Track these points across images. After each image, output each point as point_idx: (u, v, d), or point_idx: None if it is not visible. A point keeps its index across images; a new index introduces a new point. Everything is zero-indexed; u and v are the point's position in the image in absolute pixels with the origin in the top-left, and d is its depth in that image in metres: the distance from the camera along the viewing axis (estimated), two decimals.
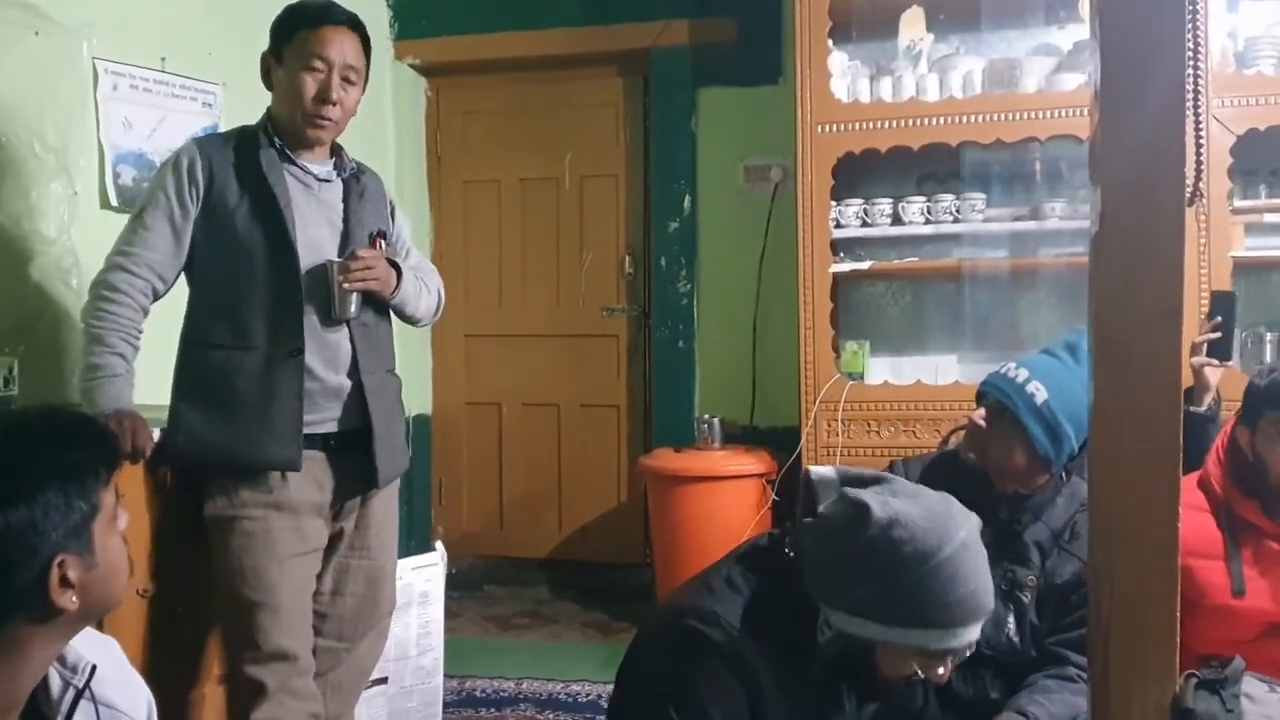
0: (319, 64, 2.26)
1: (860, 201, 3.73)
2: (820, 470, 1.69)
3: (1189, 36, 1.62)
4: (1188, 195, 1.67)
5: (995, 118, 3.48)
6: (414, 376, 4.70)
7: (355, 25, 2.32)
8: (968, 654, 1.64)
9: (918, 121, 3.55)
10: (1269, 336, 3.52)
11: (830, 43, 3.63)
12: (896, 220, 3.72)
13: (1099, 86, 1.59)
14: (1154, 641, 1.60)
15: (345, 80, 2.29)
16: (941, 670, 1.62)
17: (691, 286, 4.47)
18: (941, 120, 3.54)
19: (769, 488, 3.83)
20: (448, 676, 3.02)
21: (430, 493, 4.84)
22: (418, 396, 4.76)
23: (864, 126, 3.58)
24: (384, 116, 4.59)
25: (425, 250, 4.79)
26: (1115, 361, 1.64)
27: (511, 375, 4.80)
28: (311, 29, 2.26)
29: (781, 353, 3.97)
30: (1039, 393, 2.11)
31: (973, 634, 1.60)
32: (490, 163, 4.82)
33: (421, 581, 2.77)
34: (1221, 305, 2.80)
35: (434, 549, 2.87)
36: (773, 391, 4.25)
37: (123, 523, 1.39)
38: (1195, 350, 2.71)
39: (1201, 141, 1.73)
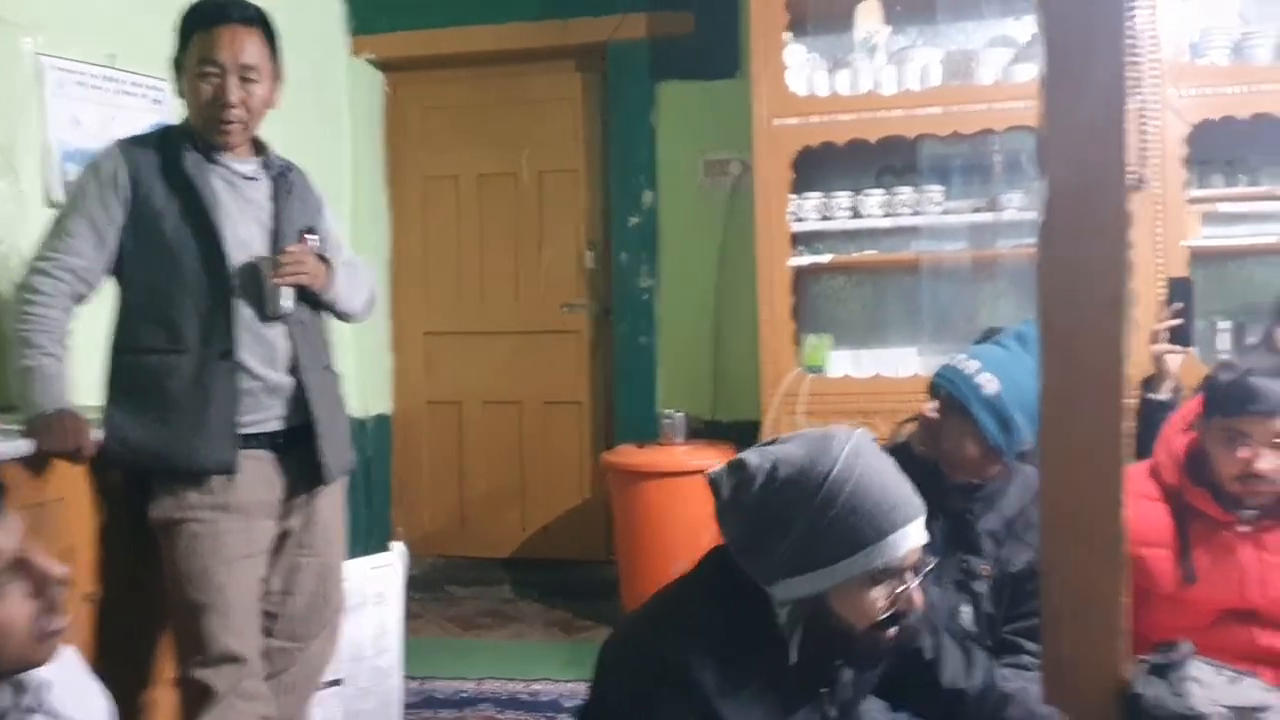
0: (212, 68, 2.22)
1: (819, 195, 3.73)
2: (715, 470, 1.65)
3: (1129, 27, 1.64)
4: (1131, 182, 1.69)
5: (952, 110, 3.49)
6: (373, 375, 4.67)
7: (253, 20, 2.26)
8: (928, 565, 1.57)
9: (875, 114, 3.56)
10: (1224, 325, 3.54)
11: (787, 35, 3.63)
12: (856, 214, 3.72)
13: (1043, 78, 1.60)
14: (1104, 628, 1.61)
15: (244, 80, 2.24)
16: (907, 590, 1.55)
17: (652, 281, 4.45)
18: (899, 113, 3.54)
19: None
20: (408, 678, 2.99)
21: (390, 493, 4.80)
22: (377, 395, 4.72)
23: (821, 120, 3.59)
24: (340, 112, 4.55)
25: (383, 247, 4.76)
26: (1062, 350, 1.65)
27: (472, 373, 4.77)
28: (205, 31, 2.22)
29: (743, 347, 3.97)
30: (989, 384, 2.11)
31: (912, 537, 1.53)
32: (449, 158, 4.79)
33: (377, 581, 2.74)
34: (1180, 292, 2.81)
35: (399, 549, 2.84)
36: (735, 386, 4.25)
37: (48, 572, 1.24)
38: (1155, 338, 2.71)
39: (1145, 129, 1.74)
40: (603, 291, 4.63)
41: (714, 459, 3.85)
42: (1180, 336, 2.73)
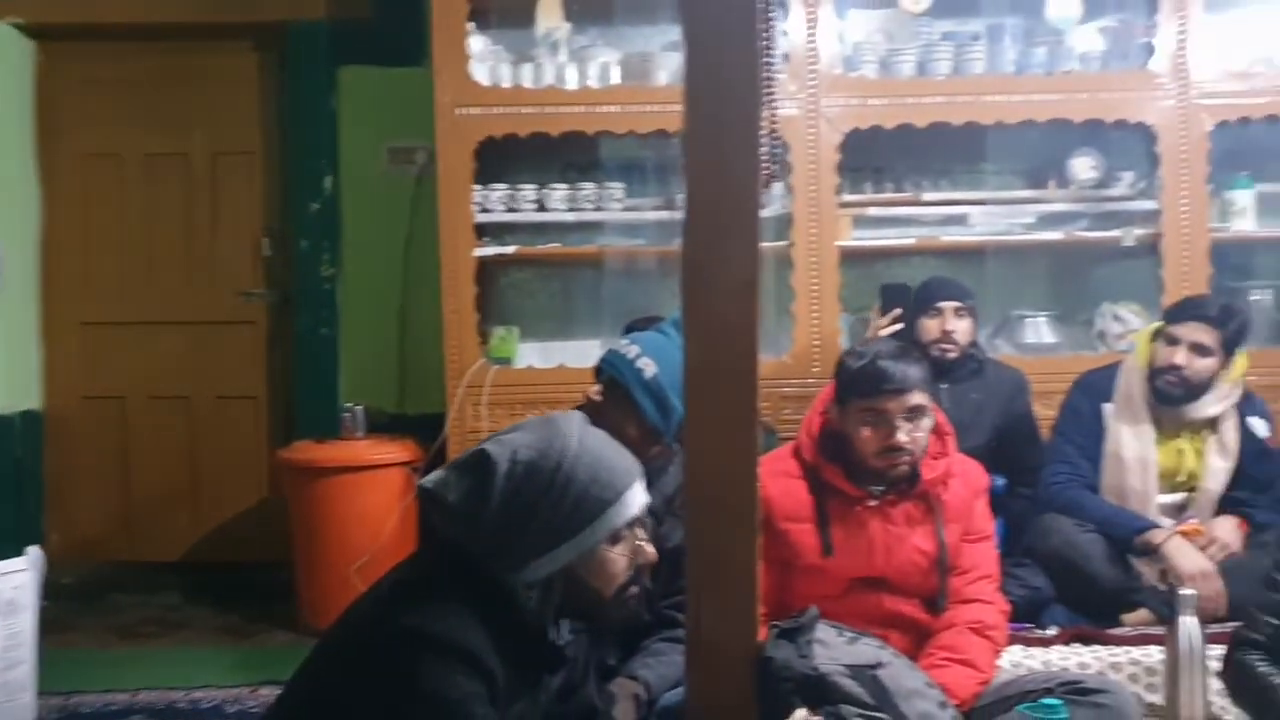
0: None
1: (505, 187, 3.74)
2: (431, 479, 1.66)
3: (765, 40, 1.74)
4: (763, 179, 1.79)
5: (630, 109, 3.60)
6: (19, 368, 4.27)
7: None
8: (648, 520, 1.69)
9: (557, 109, 3.61)
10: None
11: (470, 25, 3.62)
12: (541, 207, 3.76)
13: (684, 85, 1.68)
14: (739, 597, 1.71)
15: None
16: (641, 545, 1.66)
17: (335, 270, 4.32)
18: (580, 109, 3.61)
19: (415, 475, 3.77)
20: (49, 693, 2.76)
21: (42, 496, 4.40)
22: (23, 390, 4.32)
23: (504, 111, 3.60)
24: None
25: (31, 230, 4.38)
26: (701, 331, 1.74)
27: (137, 366, 4.45)
28: None
29: (430, 338, 3.91)
30: (648, 368, 2.20)
31: (639, 494, 1.65)
32: (110, 136, 4.45)
33: (9, 589, 2.50)
34: (897, 297, 3.04)
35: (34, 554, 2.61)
36: (422, 377, 4.18)
37: None
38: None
39: (775, 131, 1.86)
40: (282, 280, 4.45)
41: (397, 453, 3.80)
42: (901, 339, 2.95)
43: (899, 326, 2.99)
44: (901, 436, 2.24)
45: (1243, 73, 3.61)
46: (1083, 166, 3.70)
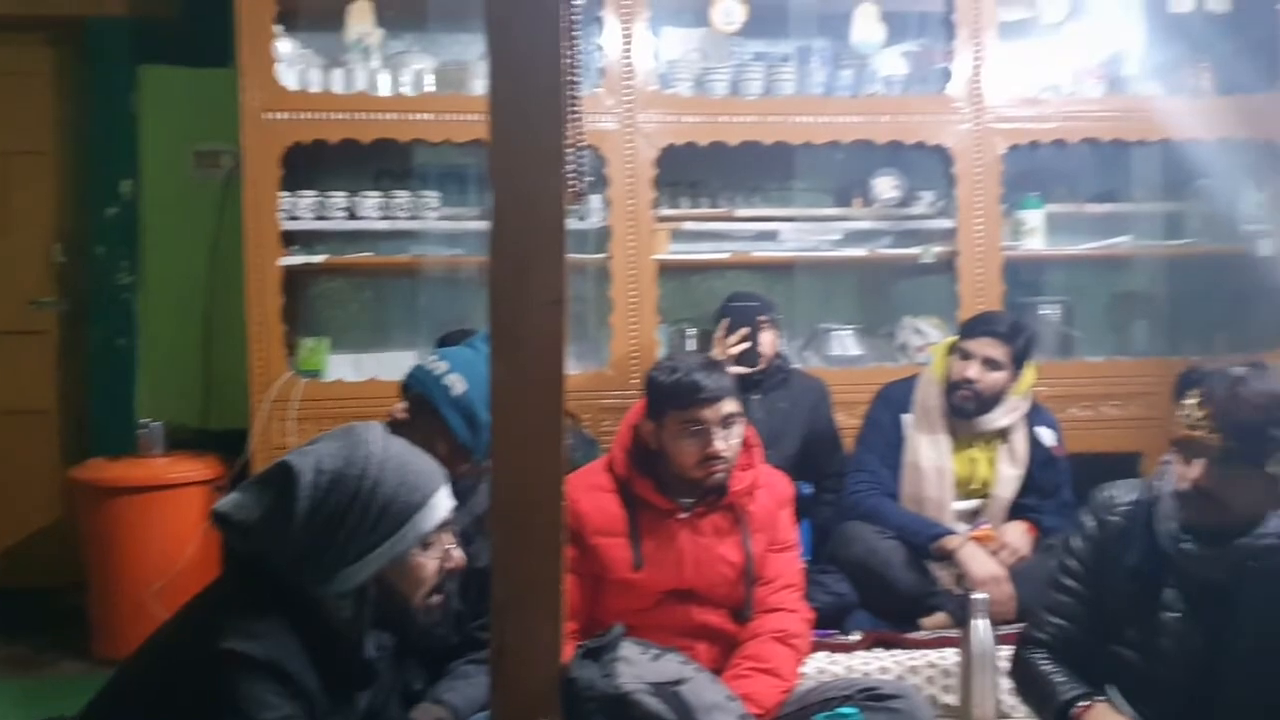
0: None
1: (315, 194, 3.63)
2: (225, 502, 1.63)
3: (567, 53, 1.74)
4: (570, 195, 1.79)
5: (445, 117, 3.54)
6: None
7: None
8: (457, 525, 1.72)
9: (369, 115, 3.52)
10: (691, 332, 3.89)
11: (278, 28, 3.50)
12: (352, 215, 3.66)
13: (489, 97, 1.65)
14: (543, 615, 1.70)
15: None
16: (449, 550, 1.67)
17: (133, 278, 4.11)
18: (392, 116, 3.54)
19: (218, 494, 3.61)
20: None
21: None
22: None
23: (314, 116, 3.50)
24: None
25: None
26: (508, 348, 1.71)
27: None
28: None
29: (236, 350, 3.76)
30: (457, 384, 2.17)
31: (445, 500, 1.67)
32: None
33: None
34: (744, 317, 3.08)
35: None
36: (229, 391, 4.01)
37: None
38: (725, 360, 2.99)
39: (582, 145, 1.86)
40: (75, 288, 4.21)
41: (198, 471, 3.64)
42: (746, 358, 3.05)
43: (746, 345, 3.05)
44: (719, 444, 2.29)
45: (1032, 99, 3.83)
46: (885, 186, 3.85)
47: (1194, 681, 1.86)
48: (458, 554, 1.70)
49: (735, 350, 3.05)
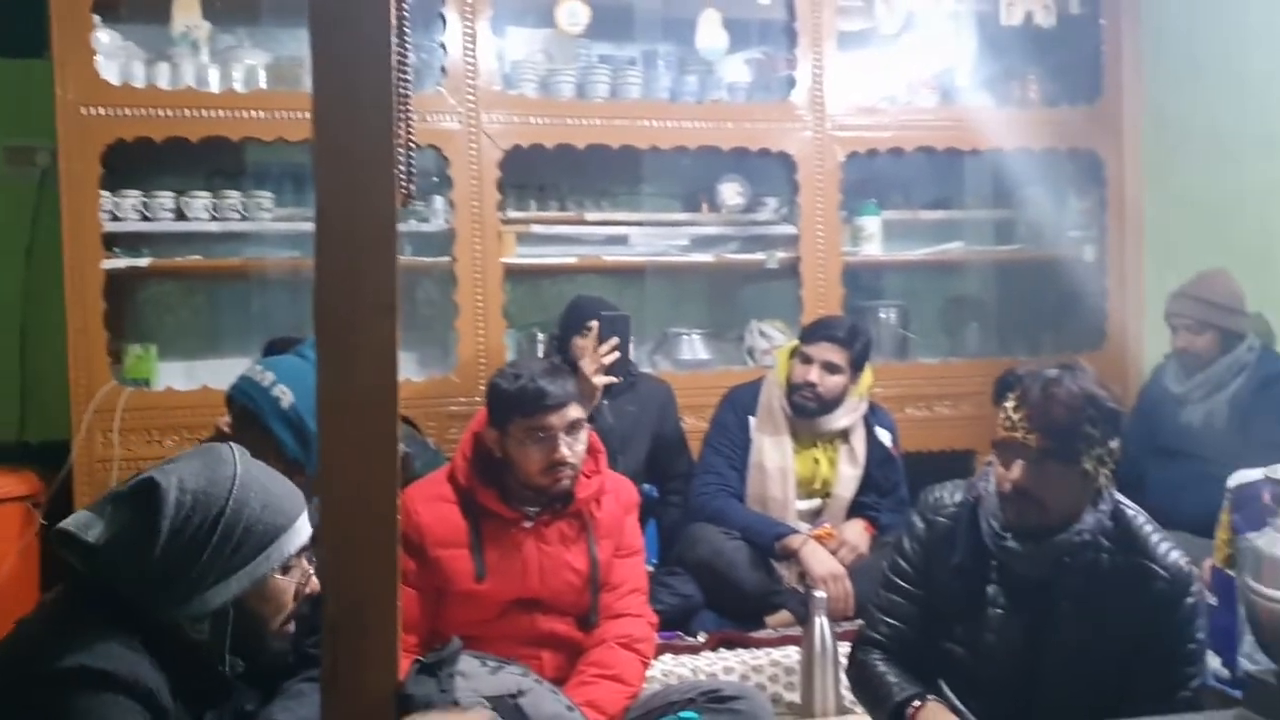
0: None
1: (139, 194, 3.45)
2: (71, 520, 1.53)
3: (398, 51, 1.68)
4: (402, 197, 1.73)
5: (278, 115, 3.41)
6: None
7: None
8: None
9: (197, 112, 3.37)
10: (542, 336, 3.85)
11: (96, 18, 3.31)
12: (181, 216, 3.49)
13: (314, 97, 1.59)
14: (377, 632, 1.63)
15: None
16: (309, 574, 1.64)
17: None
18: (222, 113, 3.39)
19: (35, 510, 3.40)
20: None
21: None
22: None
23: (137, 113, 3.32)
24: None
25: None
26: (337, 355, 1.64)
27: None
28: None
29: (56, 358, 3.54)
30: (285, 396, 2.09)
31: (307, 523, 1.62)
32: None
33: None
34: (616, 327, 3.05)
35: None
36: (49, 402, 3.76)
37: None
38: (596, 369, 2.97)
39: (412, 149, 1.81)
40: None
41: (13, 486, 3.40)
42: (618, 368, 3.02)
43: (616, 356, 3.03)
44: (565, 451, 2.27)
45: (870, 108, 3.92)
46: (731, 192, 3.90)
47: (1017, 675, 1.92)
48: (316, 581, 1.64)
49: (608, 360, 3.02)
